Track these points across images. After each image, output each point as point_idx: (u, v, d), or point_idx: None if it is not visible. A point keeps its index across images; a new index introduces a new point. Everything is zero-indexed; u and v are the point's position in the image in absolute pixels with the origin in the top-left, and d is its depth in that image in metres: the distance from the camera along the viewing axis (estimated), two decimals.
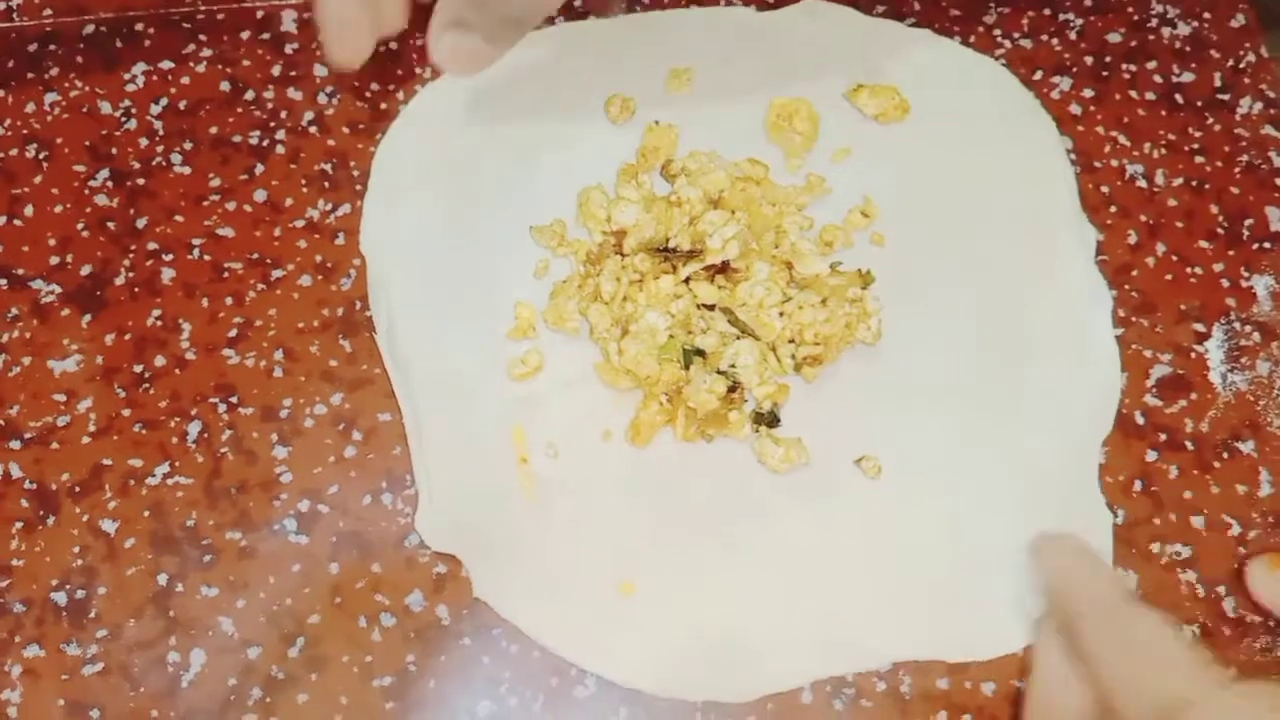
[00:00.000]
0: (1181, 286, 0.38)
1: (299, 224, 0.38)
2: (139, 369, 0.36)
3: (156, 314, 0.37)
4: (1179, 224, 0.39)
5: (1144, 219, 0.39)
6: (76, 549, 0.34)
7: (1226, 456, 0.36)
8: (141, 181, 0.39)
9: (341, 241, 0.38)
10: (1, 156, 0.39)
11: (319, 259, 0.38)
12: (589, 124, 0.39)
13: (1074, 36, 0.42)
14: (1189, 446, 0.36)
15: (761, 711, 0.33)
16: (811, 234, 0.37)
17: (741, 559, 0.34)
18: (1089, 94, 0.41)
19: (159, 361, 0.36)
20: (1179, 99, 0.41)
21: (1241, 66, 0.42)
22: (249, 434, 0.36)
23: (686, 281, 0.36)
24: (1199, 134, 0.40)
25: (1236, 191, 0.39)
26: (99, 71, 0.41)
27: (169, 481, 0.35)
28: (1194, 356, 0.37)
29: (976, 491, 0.35)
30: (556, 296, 0.36)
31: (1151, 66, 0.41)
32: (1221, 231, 0.39)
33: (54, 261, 0.38)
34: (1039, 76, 0.41)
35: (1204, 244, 0.39)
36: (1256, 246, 0.39)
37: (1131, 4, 0.42)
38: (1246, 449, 0.36)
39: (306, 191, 0.39)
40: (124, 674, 0.33)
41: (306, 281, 0.38)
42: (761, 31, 0.40)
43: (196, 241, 0.38)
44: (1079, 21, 0.42)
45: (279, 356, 0.37)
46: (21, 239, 0.38)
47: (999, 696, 0.33)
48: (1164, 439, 0.36)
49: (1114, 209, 0.39)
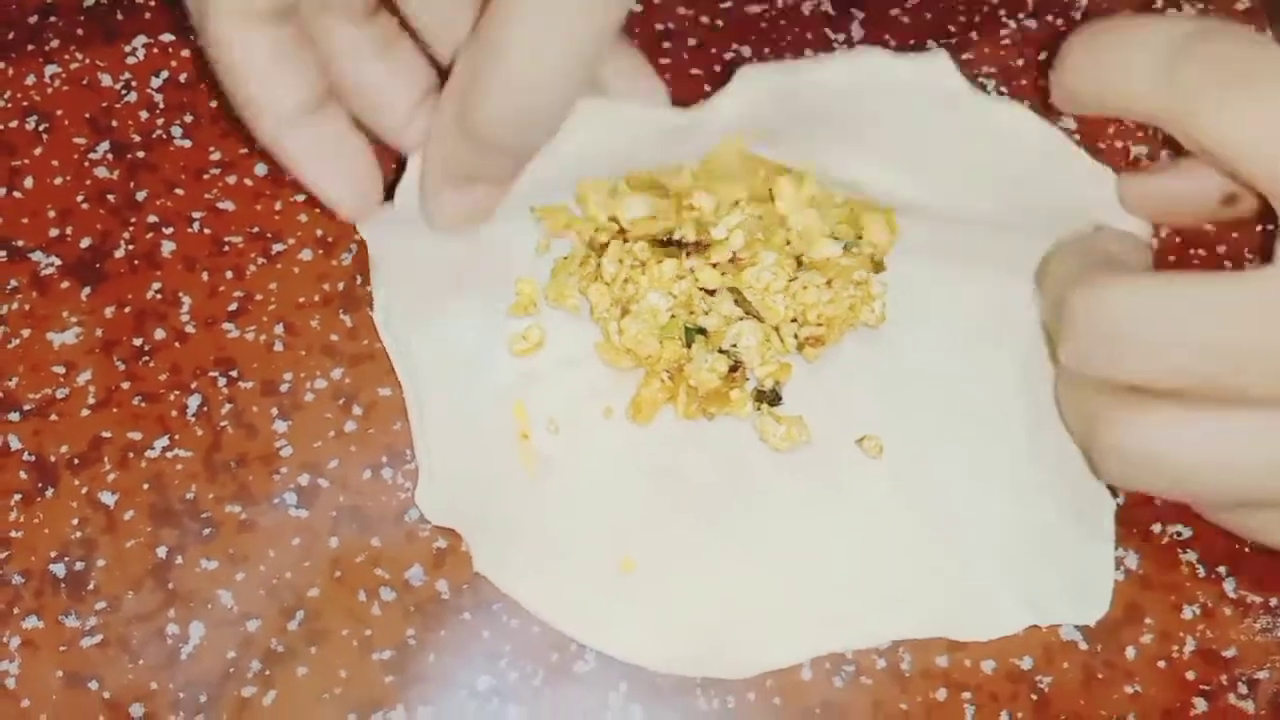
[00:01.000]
0: (1185, 269, 0.38)
1: (300, 198, 0.38)
2: (138, 342, 0.36)
3: (156, 287, 0.37)
4: None
5: None
6: (75, 521, 0.34)
7: None
8: (142, 154, 0.39)
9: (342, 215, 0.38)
10: (2, 129, 0.39)
11: (320, 233, 0.38)
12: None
13: (1079, 17, 0.42)
14: None
15: (761, 689, 0.33)
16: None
17: (742, 536, 0.34)
18: None
19: (159, 335, 0.36)
20: None
21: None
22: (249, 408, 0.35)
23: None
24: None
25: None
26: (99, 44, 0.41)
27: (168, 455, 0.35)
28: None
29: (978, 473, 0.35)
30: (558, 274, 0.36)
31: None
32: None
33: (53, 234, 0.38)
34: (1044, 57, 0.41)
35: (1208, 226, 0.39)
36: (1260, 228, 0.39)
37: None
38: None
39: None
40: (123, 646, 0.33)
41: (307, 256, 0.37)
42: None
43: (197, 215, 0.38)
44: (1084, 2, 0.42)
45: (279, 330, 0.36)
46: (21, 211, 0.38)
47: (999, 675, 0.33)
48: None
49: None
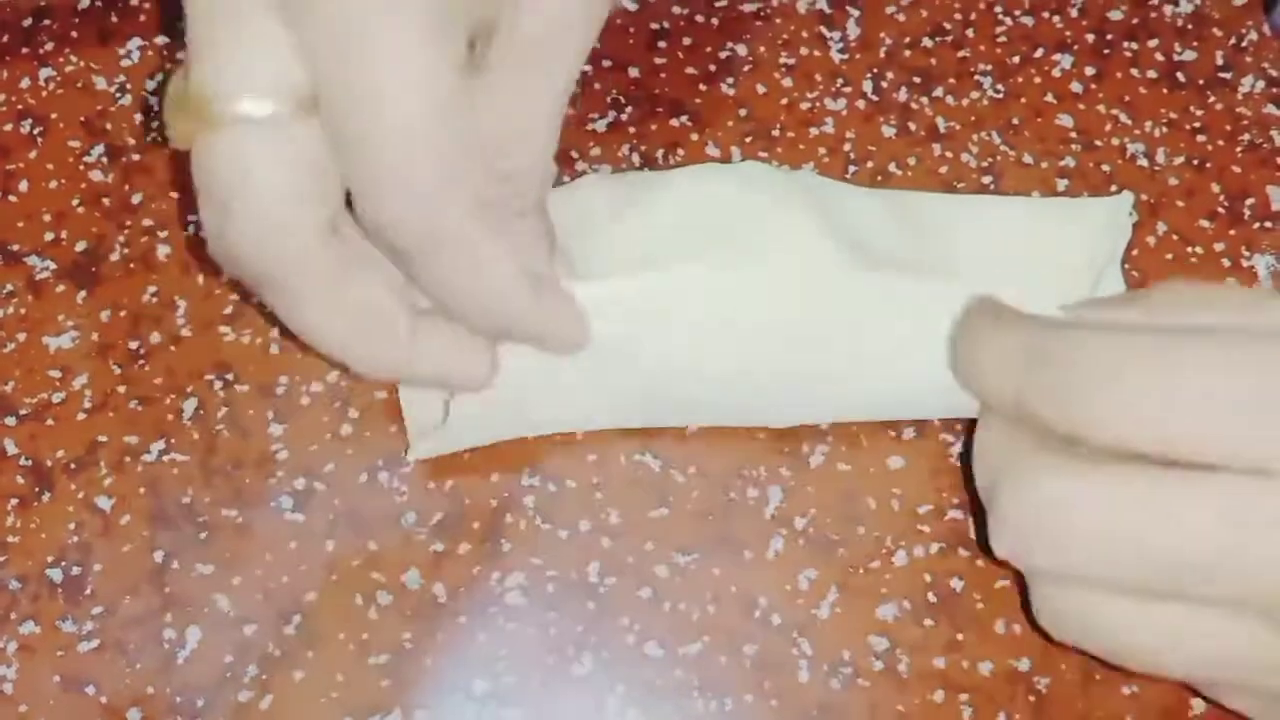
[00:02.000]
0: (1181, 266, 0.38)
1: None
2: (134, 345, 0.36)
3: (152, 290, 0.37)
4: (1180, 203, 0.39)
5: (1145, 198, 0.39)
6: (72, 525, 0.34)
7: None
8: (137, 157, 0.39)
9: None
10: None
11: None
12: None
13: (1075, 14, 0.42)
14: None
15: (759, 690, 0.33)
16: None
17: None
18: (1090, 72, 0.41)
19: (154, 338, 0.36)
20: (1180, 77, 0.41)
21: (1243, 45, 0.41)
22: (245, 411, 0.35)
23: None
24: (1200, 112, 0.40)
25: (1238, 170, 0.39)
26: (94, 46, 0.40)
27: (165, 458, 0.35)
28: None
29: None
30: None
31: (1153, 45, 0.41)
32: (1222, 210, 0.39)
33: (49, 237, 0.38)
34: (1040, 54, 0.41)
35: (1204, 223, 0.39)
36: (1257, 226, 0.39)
37: None
38: None
39: None
40: (120, 651, 0.33)
41: None
42: None
43: (192, 218, 0.38)
44: (1080, 0, 0.42)
45: (275, 334, 0.36)
46: (16, 215, 0.38)
47: (996, 676, 0.33)
48: None
49: (1114, 188, 0.39)
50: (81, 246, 0.37)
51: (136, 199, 0.38)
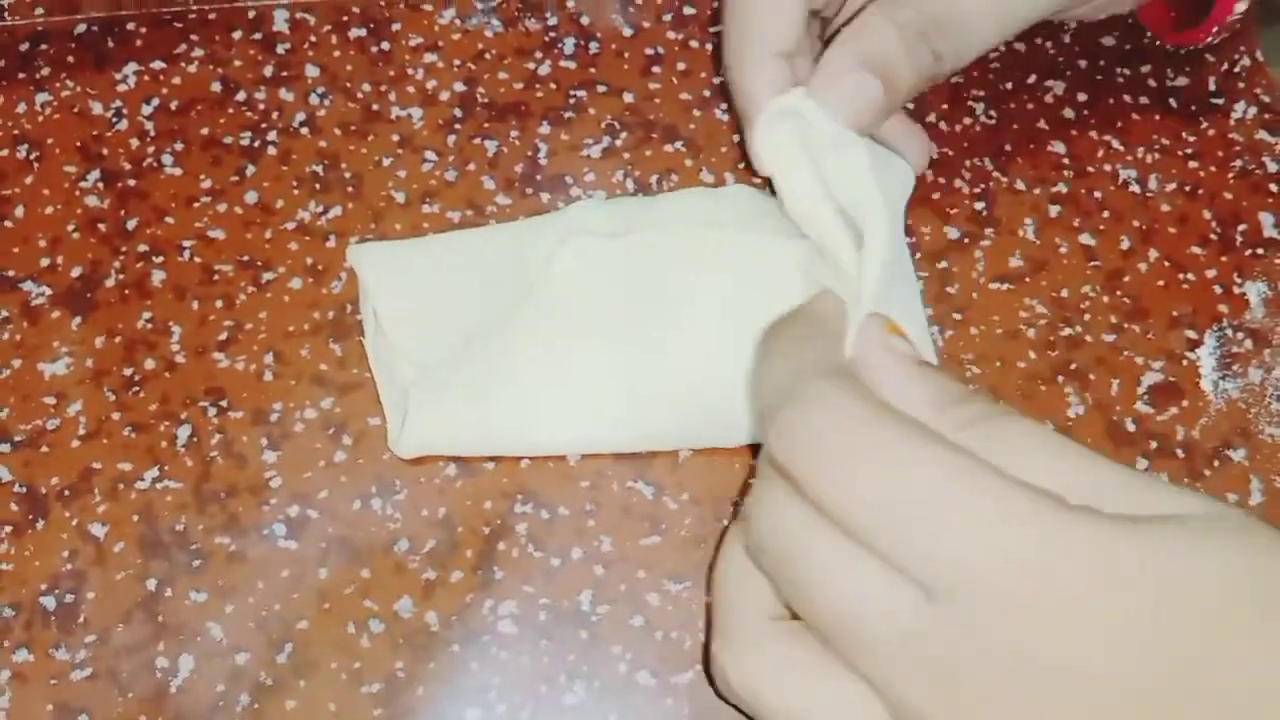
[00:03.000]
0: (1174, 292, 0.38)
1: (290, 226, 0.38)
2: (129, 372, 0.36)
3: (147, 316, 0.37)
4: (1171, 229, 0.39)
5: (1136, 224, 0.39)
6: (66, 553, 0.34)
7: (1218, 464, 0.36)
8: (132, 183, 0.39)
9: (332, 244, 0.38)
10: None
11: (310, 261, 0.38)
12: None
13: (1068, 40, 0.42)
14: (1180, 454, 0.36)
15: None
16: None
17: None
18: (1082, 98, 0.41)
19: (149, 364, 0.36)
20: (1173, 103, 0.41)
21: (1236, 70, 0.41)
22: (238, 438, 0.35)
23: None
24: (1193, 139, 0.40)
25: (1230, 197, 0.39)
26: (90, 71, 0.41)
27: (158, 485, 0.35)
28: (1185, 363, 0.37)
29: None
30: None
31: (1145, 70, 0.41)
32: (1214, 237, 0.39)
33: (44, 263, 0.38)
34: (1032, 80, 0.41)
35: (1196, 249, 0.39)
36: (1249, 252, 0.39)
37: None
38: (1238, 457, 0.36)
39: (298, 193, 0.39)
40: (112, 679, 0.33)
41: (297, 284, 0.37)
42: None
43: (187, 243, 0.38)
44: (1073, 25, 0.42)
45: (269, 360, 0.36)
46: (11, 240, 0.38)
47: None
48: (1155, 446, 0.36)
49: (1106, 214, 0.39)
50: (77, 272, 0.38)
51: (132, 224, 0.38)
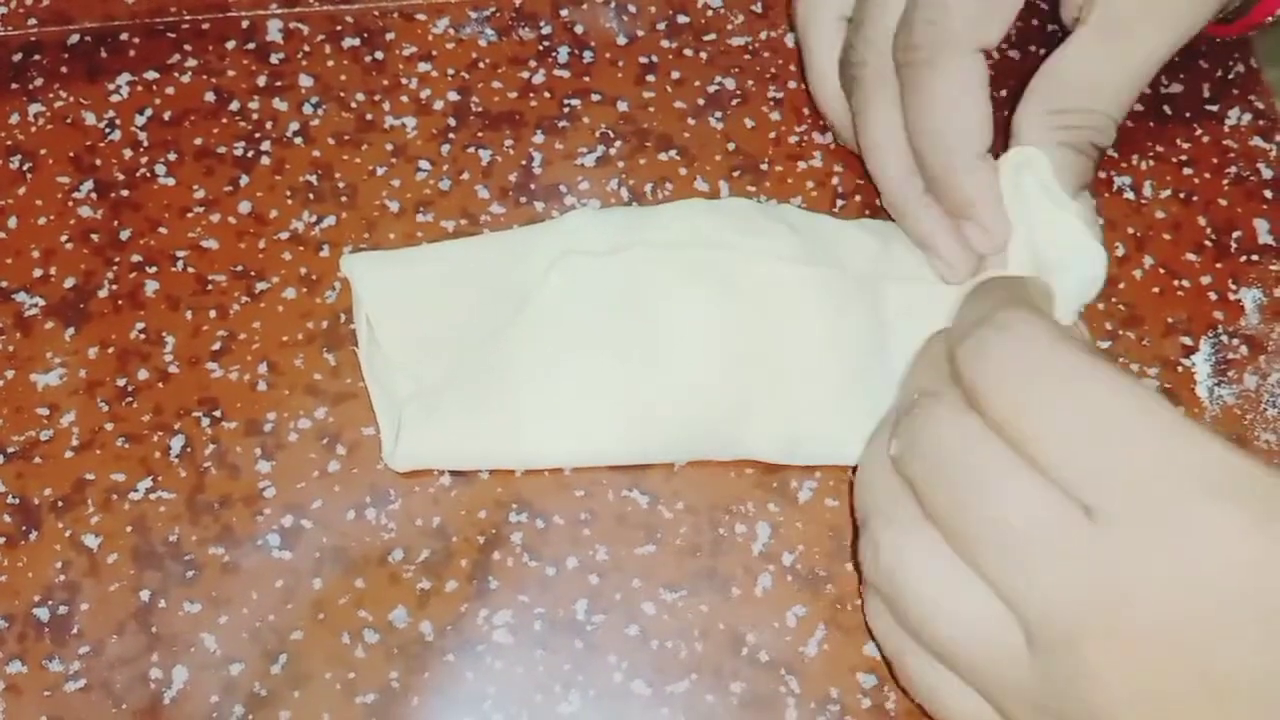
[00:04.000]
0: (1169, 299, 0.38)
1: (283, 236, 0.38)
2: (122, 382, 0.36)
3: (140, 327, 0.37)
4: (1166, 236, 0.39)
5: (1131, 231, 0.39)
6: (59, 564, 0.34)
7: None
8: (126, 193, 0.39)
9: (326, 254, 0.38)
10: None
11: (303, 271, 0.38)
12: None
13: None
14: None
15: None
16: None
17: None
18: None
19: (142, 375, 0.36)
20: (1167, 110, 0.41)
21: (1230, 77, 0.41)
22: (232, 448, 0.35)
23: None
24: (1187, 145, 0.40)
25: (1224, 203, 0.39)
26: (83, 82, 0.41)
27: (152, 496, 0.35)
28: (1181, 370, 0.37)
29: None
30: None
31: None
32: (1209, 244, 0.39)
33: (37, 274, 0.38)
34: None
35: (1191, 256, 0.39)
36: (1244, 259, 0.39)
37: None
38: None
39: (291, 203, 0.39)
40: (106, 691, 0.33)
41: (291, 294, 0.37)
42: None
43: (180, 254, 0.38)
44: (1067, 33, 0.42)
45: (263, 370, 0.36)
46: (4, 251, 0.38)
47: None
48: None
49: (1101, 222, 0.39)
50: (70, 283, 0.38)
51: (125, 235, 0.38)
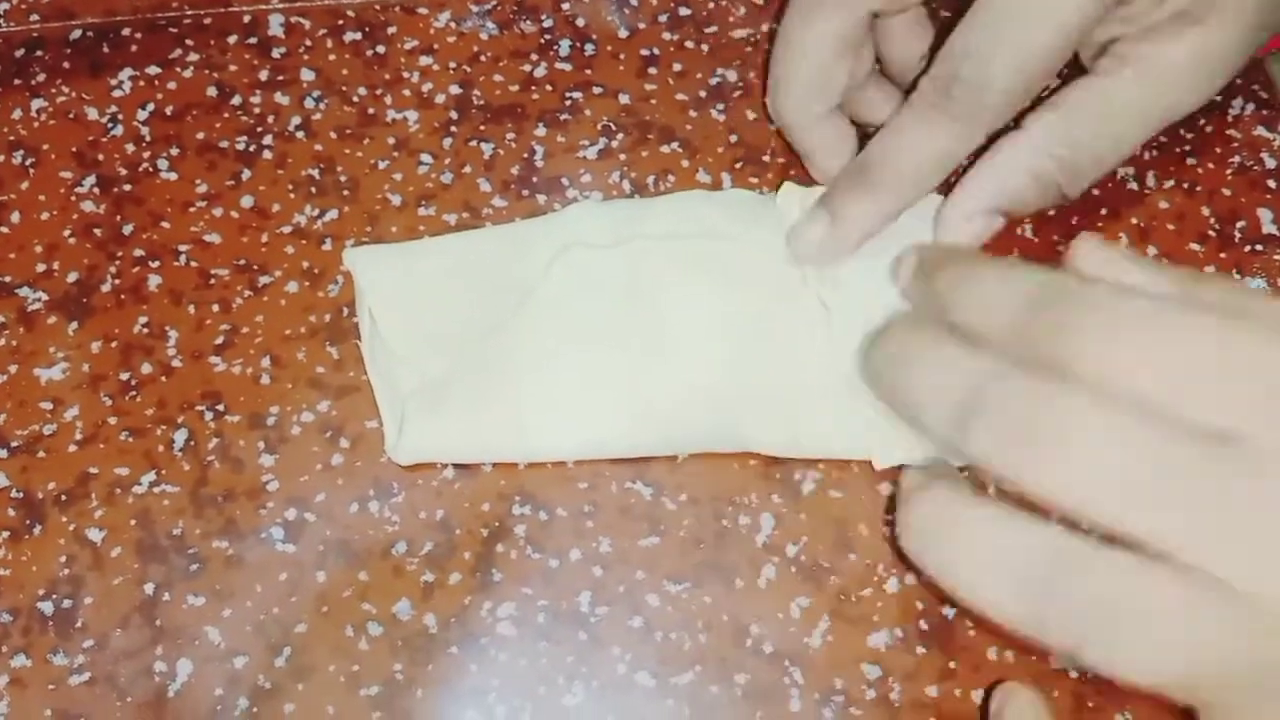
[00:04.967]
0: None
1: (286, 230, 0.38)
2: (125, 376, 0.36)
3: (143, 321, 0.37)
4: (1170, 226, 0.39)
5: (1135, 221, 0.39)
6: (63, 558, 0.34)
7: None
8: (128, 188, 0.39)
9: (328, 247, 0.38)
10: None
11: (306, 265, 0.38)
12: None
13: None
14: None
15: (751, 719, 0.32)
16: None
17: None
18: None
19: (145, 369, 0.36)
20: None
21: None
22: (235, 442, 0.35)
23: None
24: (1190, 135, 0.40)
25: (1228, 193, 0.39)
26: (85, 77, 0.41)
27: (155, 490, 0.35)
28: None
29: None
30: None
31: None
32: (1213, 234, 0.39)
33: (40, 269, 0.38)
34: None
35: (1195, 246, 0.39)
36: (1248, 249, 0.38)
37: None
38: None
39: (293, 197, 0.39)
40: (111, 684, 0.33)
41: (293, 288, 0.37)
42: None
43: (183, 248, 0.38)
44: None
45: (266, 363, 0.36)
46: (8, 246, 0.38)
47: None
48: None
49: (1104, 211, 0.39)
50: (73, 277, 0.38)
51: (128, 229, 0.38)
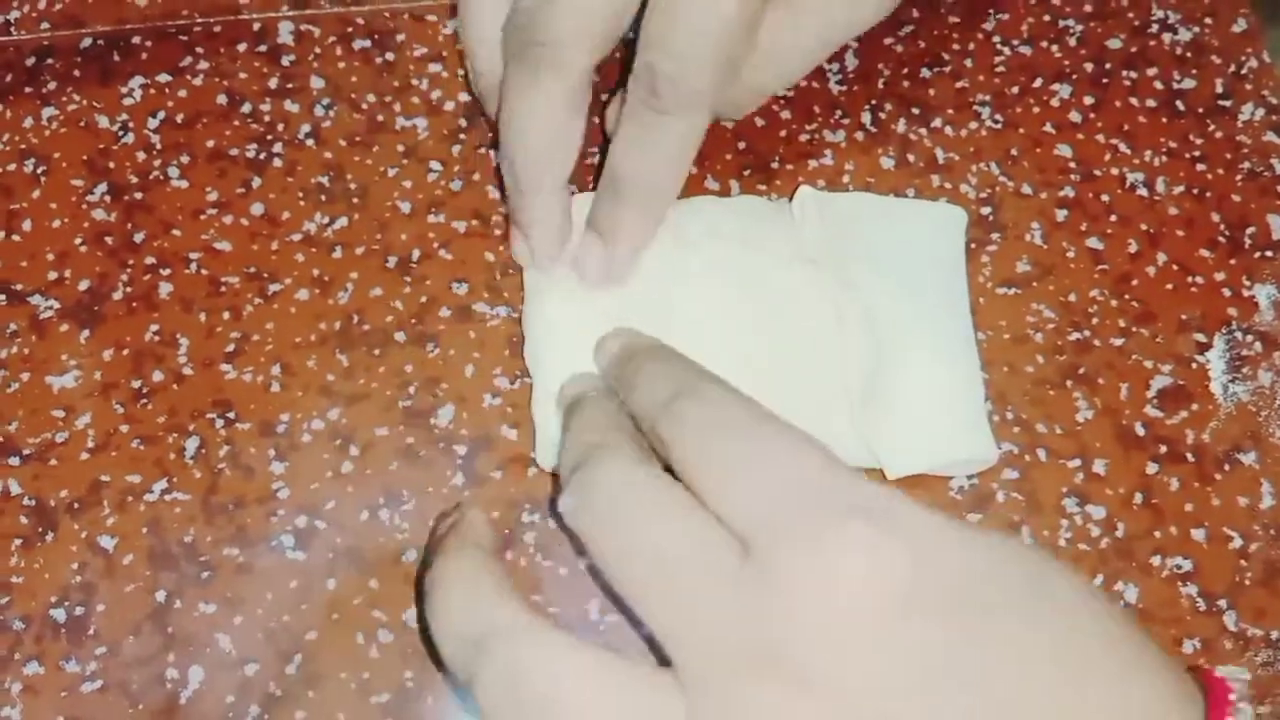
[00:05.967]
0: (1182, 296, 0.38)
1: (296, 237, 0.38)
2: (137, 384, 0.36)
3: (154, 329, 0.37)
4: (1180, 232, 0.39)
5: (1144, 228, 0.39)
6: (75, 565, 0.34)
7: (1228, 468, 0.36)
8: (139, 196, 0.39)
9: (339, 255, 0.38)
10: None
11: (316, 272, 0.38)
12: None
13: (1074, 43, 0.41)
14: (1190, 458, 0.36)
15: None
16: None
17: None
18: (1089, 101, 0.41)
19: (156, 377, 0.36)
20: (1180, 105, 0.41)
21: (1243, 72, 0.41)
22: (246, 449, 0.36)
23: None
24: (1200, 141, 0.40)
25: (1238, 199, 0.39)
26: (96, 85, 0.41)
27: (167, 497, 0.35)
28: (1195, 367, 0.37)
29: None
30: None
31: (1152, 73, 0.41)
32: (1223, 240, 0.39)
33: (52, 276, 0.38)
34: (1039, 84, 0.41)
35: (1205, 252, 0.38)
36: (1258, 255, 0.38)
37: (1132, 9, 0.42)
38: (1248, 460, 0.36)
39: (303, 205, 0.39)
40: (123, 691, 0.33)
41: (304, 295, 0.38)
42: None
43: (194, 256, 0.38)
44: (1079, 28, 0.42)
45: (276, 371, 0.37)
46: (19, 254, 0.38)
47: None
48: (1164, 451, 0.36)
49: (1114, 218, 0.39)
50: (84, 285, 0.38)
51: (139, 237, 0.38)
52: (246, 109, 0.40)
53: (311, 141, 0.40)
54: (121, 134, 0.40)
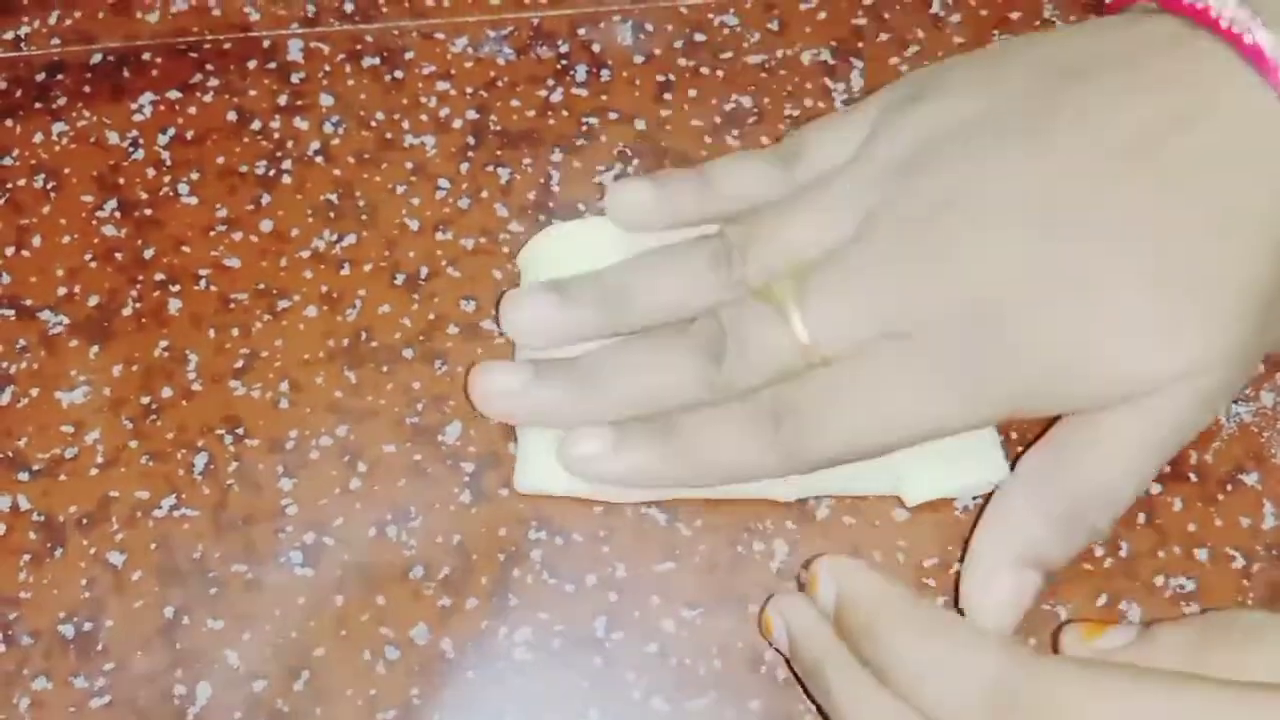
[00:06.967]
0: None
1: (304, 254, 0.39)
2: (146, 400, 0.37)
3: (163, 345, 0.37)
4: None
5: None
6: (84, 581, 0.34)
7: (1230, 489, 0.36)
8: (149, 212, 0.39)
9: (347, 272, 0.38)
10: (10, 187, 0.39)
11: (324, 289, 0.38)
12: None
13: None
14: (1192, 478, 0.36)
15: None
16: None
17: None
18: None
19: (166, 393, 0.37)
20: None
21: None
22: (255, 466, 0.36)
23: None
24: None
25: None
26: (106, 101, 0.41)
27: (175, 514, 0.35)
28: None
29: None
30: None
31: None
32: None
33: (61, 292, 0.38)
34: None
35: None
36: None
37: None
38: (1250, 481, 0.36)
39: (312, 221, 0.39)
40: (131, 707, 0.33)
41: (312, 312, 0.38)
42: None
43: (203, 272, 0.38)
44: None
45: (284, 388, 0.37)
46: (29, 270, 0.38)
47: None
48: (1167, 471, 0.36)
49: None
50: (94, 301, 0.38)
51: (149, 253, 0.39)
52: (256, 126, 0.41)
53: (320, 158, 0.40)
54: (132, 150, 0.40)
